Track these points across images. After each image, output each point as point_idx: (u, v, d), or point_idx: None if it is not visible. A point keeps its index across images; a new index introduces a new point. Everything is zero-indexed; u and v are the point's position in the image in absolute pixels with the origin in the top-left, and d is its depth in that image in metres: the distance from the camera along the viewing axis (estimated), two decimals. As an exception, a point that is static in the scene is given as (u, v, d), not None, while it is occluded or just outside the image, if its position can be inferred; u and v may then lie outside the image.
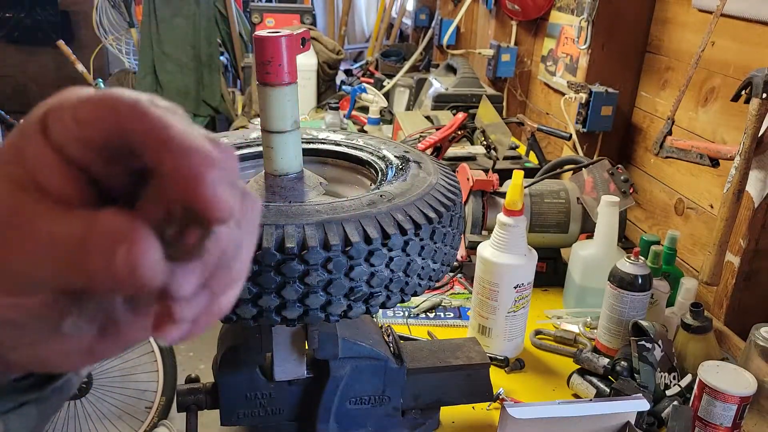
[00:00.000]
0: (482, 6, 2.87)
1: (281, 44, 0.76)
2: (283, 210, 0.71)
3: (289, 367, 0.88)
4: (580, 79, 1.93)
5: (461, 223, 0.85)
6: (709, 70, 1.52)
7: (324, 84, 2.98)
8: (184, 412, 0.92)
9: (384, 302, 0.74)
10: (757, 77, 1.18)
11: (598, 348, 1.26)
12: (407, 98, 2.81)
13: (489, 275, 1.21)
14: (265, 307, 0.69)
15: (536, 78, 2.47)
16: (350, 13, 4.67)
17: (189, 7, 3.71)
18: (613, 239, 1.36)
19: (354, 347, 0.90)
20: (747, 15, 1.38)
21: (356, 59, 4.86)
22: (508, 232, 1.20)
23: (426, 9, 3.91)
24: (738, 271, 1.35)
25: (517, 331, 1.25)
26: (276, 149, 0.82)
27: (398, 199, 0.75)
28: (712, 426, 1.01)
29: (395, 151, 0.94)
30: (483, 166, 1.88)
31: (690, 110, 1.58)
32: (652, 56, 1.81)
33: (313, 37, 2.97)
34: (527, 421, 0.88)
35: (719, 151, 1.28)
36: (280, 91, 0.78)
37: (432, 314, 1.43)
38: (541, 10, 2.35)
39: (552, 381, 1.22)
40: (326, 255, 0.67)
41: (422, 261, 0.75)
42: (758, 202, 1.27)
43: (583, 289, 1.39)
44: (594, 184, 1.47)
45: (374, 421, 0.96)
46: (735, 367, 1.04)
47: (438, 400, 1.00)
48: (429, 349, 1.02)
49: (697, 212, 1.56)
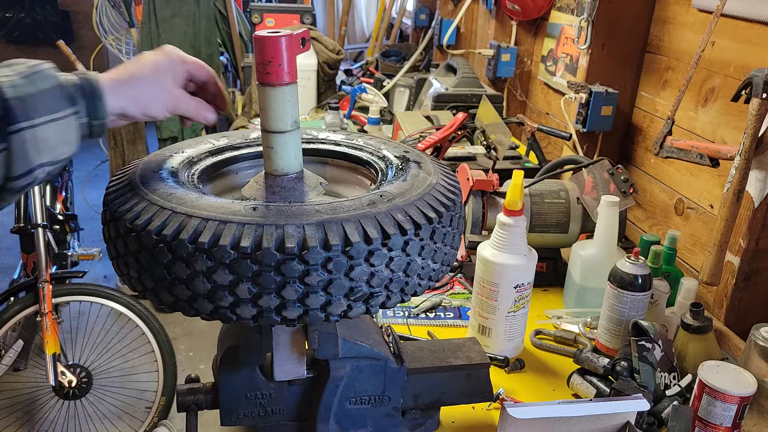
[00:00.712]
0: (482, 6, 2.87)
1: (281, 44, 0.76)
2: (283, 210, 0.71)
3: (289, 367, 0.88)
4: (580, 79, 1.93)
5: (461, 223, 0.85)
6: (709, 70, 1.52)
7: (324, 84, 2.98)
8: (184, 412, 0.92)
9: (384, 302, 0.74)
10: (757, 77, 1.18)
11: (598, 348, 1.26)
12: (407, 98, 2.81)
13: (489, 275, 1.21)
14: (265, 307, 0.69)
15: (536, 78, 2.47)
16: (350, 13, 4.67)
17: (189, 7, 3.71)
18: (613, 239, 1.36)
19: (354, 347, 0.90)
20: (747, 15, 1.38)
21: (356, 59, 4.85)
22: (508, 232, 1.20)
23: (426, 9, 3.91)
24: (738, 271, 1.35)
25: (517, 331, 1.25)
26: (276, 149, 0.82)
27: (398, 199, 0.75)
28: (712, 426, 1.01)
29: (395, 151, 0.94)
30: (483, 166, 1.88)
31: (690, 110, 1.58)
32: (652, 56, 1.81)
33: (313, 37, 2.97)
34: (527, 421, 0.88)
35: (719, 151, 1.28)
36: (280, 91, 0.78)
37: (432, 314, 1.43)
38: (541, 10, 2.35)
39: (552, 381, 1.22)
40: (326, 255, 0.67)
41: (422, 261, 0.75)
42: (758, 202, 1.27)
43: (583, 289, 1.39)
44: (594, 184, 1.47)
45: (374, 421, 0.96)
46: (735, 367, 1.04)
47: (438, 400, 1.00)
48: (429, 349, 1.02)
49: (697, 212, 1.56)
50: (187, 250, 0.67)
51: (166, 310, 0.74)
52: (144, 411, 2.59)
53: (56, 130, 0.72)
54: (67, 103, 0.73)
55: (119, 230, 0.73)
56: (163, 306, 0.73)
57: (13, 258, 3.47)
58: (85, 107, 0.75)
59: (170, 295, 0.71)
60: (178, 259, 0.68)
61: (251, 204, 0.73)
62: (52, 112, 0.72)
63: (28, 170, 0.72)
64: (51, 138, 0.72)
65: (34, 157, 0.71)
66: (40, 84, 0.72)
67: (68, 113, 0.73)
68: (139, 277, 0.73)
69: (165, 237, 0.68)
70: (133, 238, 0.71)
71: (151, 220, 0.70)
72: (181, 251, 0.68)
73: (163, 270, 0.69)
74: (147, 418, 2.53)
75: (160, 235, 0.69)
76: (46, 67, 0.74)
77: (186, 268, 0.68)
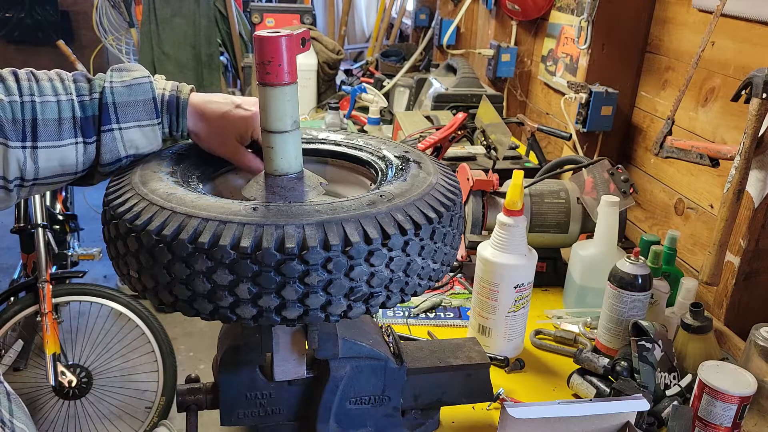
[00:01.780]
0: (482, 6, 2.87)
1: (281, 44, 0.76)
2: (283, 210, 0.71)
3: (289, 367, 0.88)
4: (580, 79, 1.93)
5: (461, 223, 0.85)
6: (709, 70, 1.52)
7: (324, 84, 2.98)
8: (184, 412, 0.92)
9: (384, 302, 0.74)
10: (757, 77, 1.18)
11: (598, 348, 1.26)
12: (407, 98, 2.81)
13: (489, 275, 1.21)
14: (265, 307, 0.69)
15: (536, 78, 2.47)
16: (350, 13, 4.67)
17: (189, 7, 3.71)
18: (613, 239, 1.36)
19: (354, 347, 0.90)
20: (747, 15, 1.38)
21: (356, 59, 4.85)
22: (508, 232, 1.20)
23: (426, 9, 3.91)
24: (738, 271, 1.35)
25: (517, 331, 1.25)
26: (276, 149, 0.82)
27: (398, 199, 0.75)
28: (712, 426, 1.01)
29: (395, 151, 0.94)
30: (483, 166, 1.88)
31: (690, 110, 1.58)
32: (652, 56, 1.81)
33: (313, 37, 2.97)
34: (527, 421, 0.88)
35: (719, 151, 1.28)
36: (280, 91, 0.78)
37: (432, 314, 1.43)
38: (541, 10, 2.35)
39: (552, 381, 1.22)
40: (326, 255, 0.67)
41: (422, 261, 0.75)
42: (758, 202, 1.27)
43: (583, 289, 1.39)
44: (594, 184, 1.47)
45: (374, 421, 0.96)
46: (735, 367, 1.04)
47: (438, 400, 1.00)
48: (429, 349, 1.02)
49: (697, 212, 1.56)
50: (187, 250, 0.67)
51: (166, 310, 0.74)
52: (144, 411, 2.59)
53: (142, 133, 0.87)
54: (154, 114, 0.88)
55: (119, 230, 0.73)
56: (163, 306, 0.73)
57: (13, 258, 3.47)
58: (168, 121, 0.90)
59: (170, 295, 0.71)
60: (178, 259, 0.68)
61: (251, 204, 0.73)
62: (139, 120, 0.87)
63: (115, 159, 0.87)
64: (137, 139, 0.87)
65: (121, 151, 0.86)
66: (136, 95, 0.86)
67: (154, 123, 0.88)
68: (139, 277, 0.73)
69: (165, 237, 0.68)
70: (133, 238, 0.71)
71: (151, 220, 0.70)
72: (181, 251, 0.68)
73: (163, 270, 0.69)
74: (147, 418, 2.53)
75: (160, 235, 0.68)
76: (147, 80, 0.88)
77: (186, 268, 0.68)
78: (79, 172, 0.87)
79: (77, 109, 0.83)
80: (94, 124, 0.84)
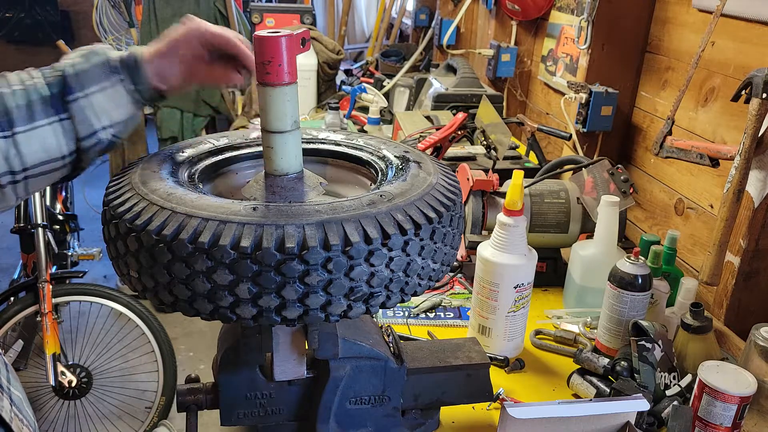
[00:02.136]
0: (482, 6, 2.87)
1: (281, 44, 0.76)
2: (283, 210, 0.71)
3: (289, 367, 0.88)
4: (580, 79, 1.93)
5: (461, 223, 0.85)
6: (709, 70, 1.52)
7: (324, 84, 2.98)
8: (184, 412, 0.92)
9: (384, 302, 0.74)
10: (757, 77, 1.18)
11: (598, 348, 1.26)
12: (407, 98, 2.81)
13: (489, 275, 1.21)
14: (265, 307, 0.69)
15: (536, 78, 2.47)
16: (350, 13, 4.67)
17: (189, 7, 3.71)
18: (613, 239, 1.36)
19: (354, 347, 0.90)
20: (747, 15, 1.38)
21: (356, 59, 4.86)
22: (508, 232, 1.20)
23: (426, 9, 3.91)
24: (738, 271, 1.35)
25: (517, 331, 1.25)
26: (276, 149, 0.82)
27: (398, 199, 0.75)
28: (712, 426, 1.01)
29: (395, 151, 0.94)
30: (483, 166, 1.88)
31: (690, 110, 1.58)
32: (652, 56, 1.81)
33: (313, 37, 2.97)
34: (527, 421, 0.88)
35: (719, 151, 1.28)
36: (280, 91, 0.78)
37: (432, 314, 1.43)
38: (541, 10, 2.35)
39: (552, 381, 1.22)
40: (326, 255, 0.67)
41: (422, 261, 0.75)
42: (758, 202, 1.27)
43: (583, 289, 1.39)
44: (594, 184, 1.47)
45: (374, 421, 0.96)
46: (735, 367, 1.04)
47: (438, 400, 1.00)
48: (429, 349, 1.02)
49: (697, 212, 1.56)
50: (187, 250, 0.67)
51: (166, 310, 0.74)
52: (144, 411, 2.59)
53: (107, 96, 0.88)
54: (112, 73, 0.89)
55: (119, 230, 0.73)
56: (163, 306, 0.73)
57: (13, 258, 3.47)
58: (129, 75, 0.90)
59: (170, 295, 0.71)
60: (178, 259, 0.68)
61: (251, 204, 0.73)
62: (100, 82, 0.88)
63: (92, 132, 0.88)
64: (104, 103, 0.88)
65: (93, 120, 0.87)
66: (93, 60, 0.89)
67: (115, 82, 0.89)
68: (139, 277, 0.73)
69: (165, 237, 0.68)
70: (133, 238, 0.71)
71: (151, 220, 0.70)
72: (181, 251, 0.68)
73: (163, 270, 0.69)
74: (147, 418, 2.53)
75: (160, 235, 0.68)
76: (100, 47, 0.91)
77: (186, 268, 0.68)
78: (66, 156, 0.88)
79: (44, 89, 0.86)
80: (61, 99, 0.86)
